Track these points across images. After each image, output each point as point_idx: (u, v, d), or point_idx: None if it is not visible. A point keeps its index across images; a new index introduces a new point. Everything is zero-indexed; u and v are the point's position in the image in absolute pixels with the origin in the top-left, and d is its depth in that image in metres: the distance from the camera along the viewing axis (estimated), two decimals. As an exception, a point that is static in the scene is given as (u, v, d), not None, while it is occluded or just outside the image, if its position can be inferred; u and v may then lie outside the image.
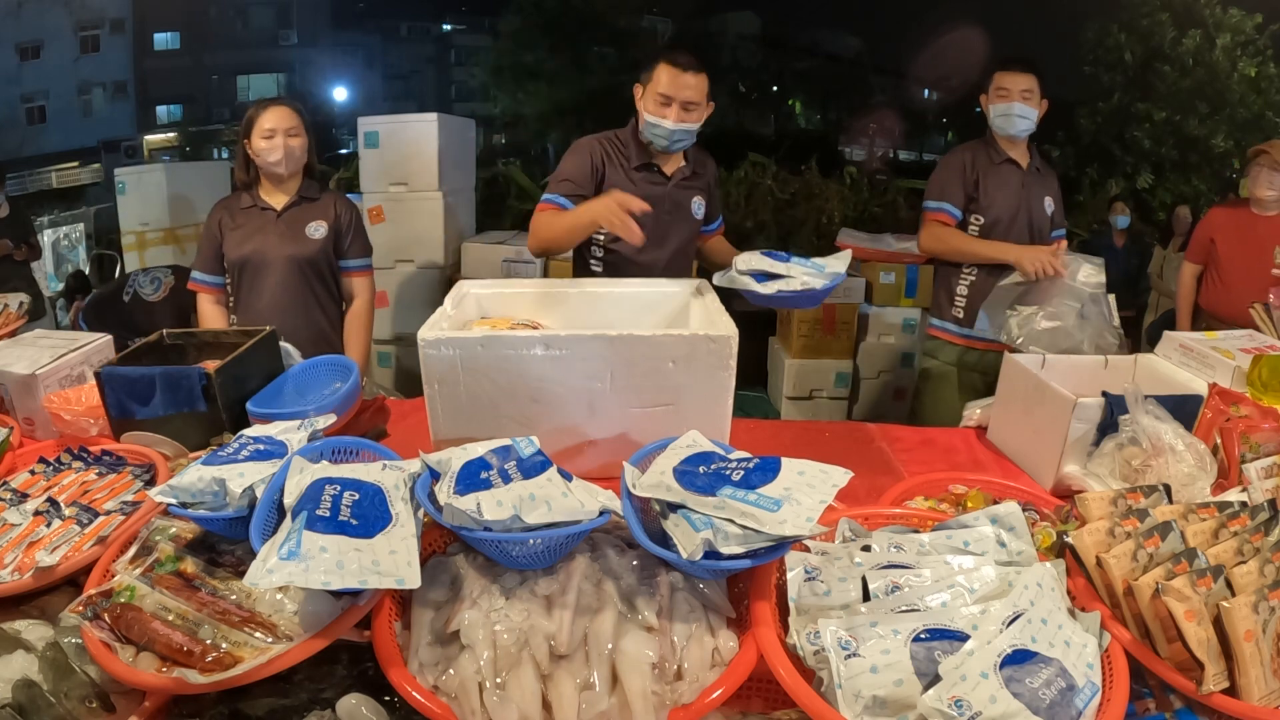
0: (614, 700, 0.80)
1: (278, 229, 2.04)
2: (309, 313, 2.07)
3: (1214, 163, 7.84)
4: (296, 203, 2.06)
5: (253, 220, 2.04)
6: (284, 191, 2.07)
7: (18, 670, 0.86)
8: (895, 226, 4.72)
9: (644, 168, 1.96)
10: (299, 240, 2.05)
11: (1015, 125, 2.19)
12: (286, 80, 19.54)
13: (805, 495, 0.89)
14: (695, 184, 2.03)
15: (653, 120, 1.86)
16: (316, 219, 2.08)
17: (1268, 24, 7.51)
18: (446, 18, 23.06)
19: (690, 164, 2.02)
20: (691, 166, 2.02)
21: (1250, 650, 0.79)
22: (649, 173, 1.96)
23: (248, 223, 2.04)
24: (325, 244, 2.09)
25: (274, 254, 2.02)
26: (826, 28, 18.79)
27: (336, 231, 2.11)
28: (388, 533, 0.89)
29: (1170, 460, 1.20)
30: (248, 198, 2.05)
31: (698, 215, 2.04)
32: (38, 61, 16.03)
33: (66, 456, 1.28)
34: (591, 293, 1.67)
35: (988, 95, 2.25)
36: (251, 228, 2.03)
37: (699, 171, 2.04)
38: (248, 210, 2.04)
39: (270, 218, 2.05)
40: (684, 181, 2.00)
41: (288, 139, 1.97)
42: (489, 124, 12.33)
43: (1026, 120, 2.18)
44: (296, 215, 2.06)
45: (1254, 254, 2.80)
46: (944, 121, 16.76)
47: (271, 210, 2.05)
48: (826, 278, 1.52)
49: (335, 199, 2.15)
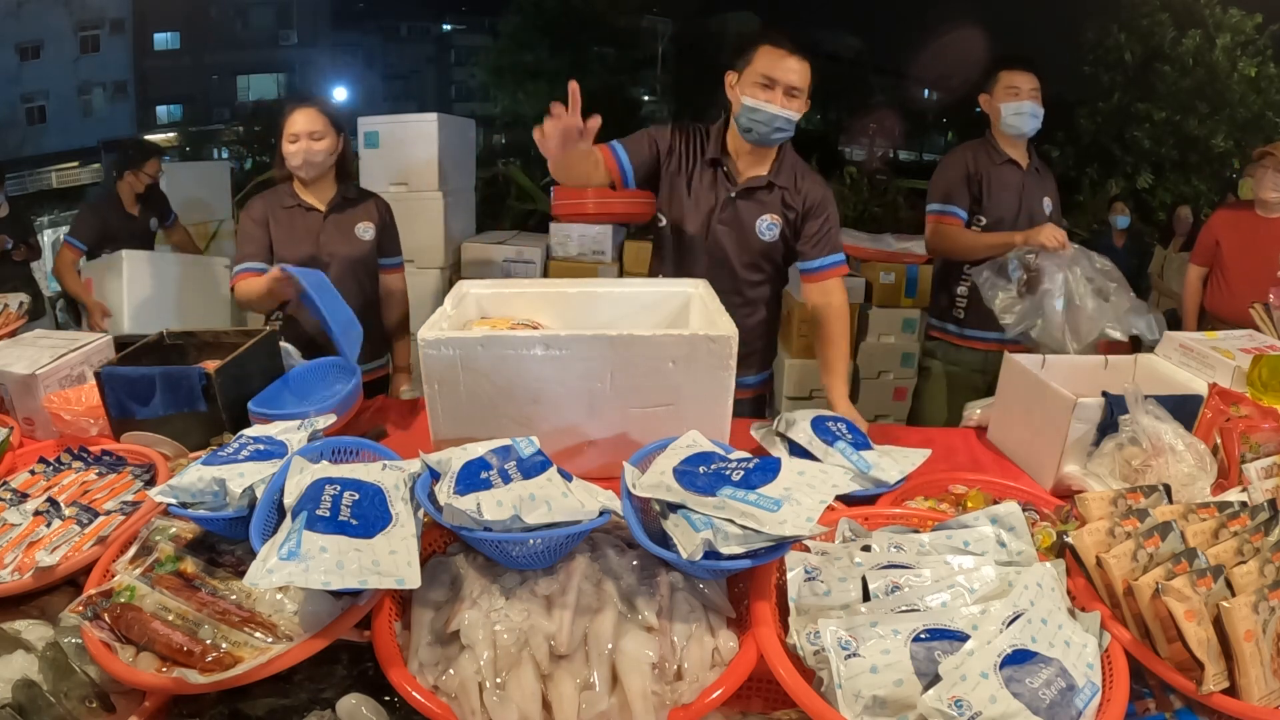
0: (614, 700, 0.80)
1: (327, 230, 2.03)
2: (364, 313, 2.03)
3: (1214, 163, 7.83)
4: (340, 204, 2.05)
5: (299, 221, 2.01)
6: (324, 191, 2.05)
7: (18, 670, 0.86)
8: (895, 226, 4.72)
9: (714, 164, 1.78)
10: (350, 241, 2.05)
11: (1028, 124, 2.17)
12: (286, 80, 19.53)
13: (805, 495, 0.89)
14: (771, 199, 1.78)
15: (752, 104, 1.66)
16: (363, 220, 2.08)
17: (1268, 24, 7.51)
18: (446, 18, 23.06)
19: (776, 175, 1.77)
20: (776, 178, 1.77)
21: (1250, 650, 0.79)
22: (715, 170, 1.78)
23: (295, 223, 2.01)
24: (374, 245, 2.11)
25: (329, 256, 2.02)
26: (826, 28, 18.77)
27: (381, 231, 2.12)
28: (388, 533, 0.89)
29: (1170, 460, 1.20)
30: (289, 196, 2.02)
31: (764, 236, 1.78)
32: (38, 61, 16.01)
33: (66, 456, 1.28)
34: (591, 293, 1.67)
35: (991, 95, 2.23)
36: (301, 229, 2.01)
37: (785, 189, 1.78)
38: (291, 210, 2.02)
39: (317, 219, 2.02)
40: (756, 193, 1.77)
41: (310, 143, 1.94)
42: (489, 124, 12.32)
43: (1037, 119, 2.18)
44: (343, 217, 2.06)
45: (1258, 256, 2.80)
46: (944, 121, 16.75)
47: (317, 211, 2.03)
48: (868, 483, 1.28)
49: (376, 199, 2.15)
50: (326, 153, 1.98)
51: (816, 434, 1.37)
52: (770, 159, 1.79)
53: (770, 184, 1.77)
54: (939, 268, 2.46)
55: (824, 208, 1.79)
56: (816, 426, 1.39)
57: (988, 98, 2.25)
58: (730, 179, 1.79)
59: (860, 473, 1.28)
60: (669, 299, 1.65)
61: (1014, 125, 2.19)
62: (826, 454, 1.33)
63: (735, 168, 1.79)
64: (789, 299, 3.98)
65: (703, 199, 1.80)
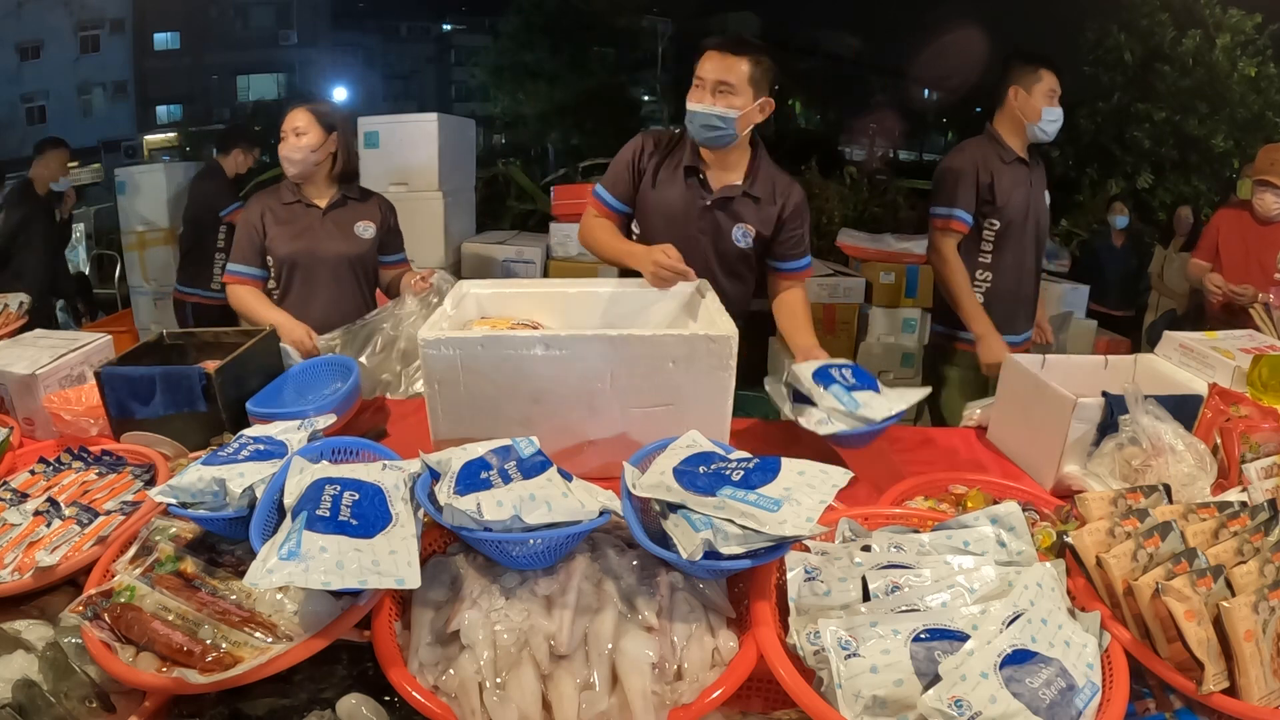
0: (614, 700, 0.80)
1: (325, 227, 2.03)
2: (360, 310, 2.05)
3: (1214, 163, 7.82)
4: (341, 202, 2.06)
5: (298, 217, 2.02)
6: (324, 190, 2.05)
7: (18, 670, 0.86)
8: (895, 226, 4.73)
9: (690, 172, 1.78)
10: (349, 239, 2.06)
11: (1055, 131, 2.15)
12: (286, 80, 19.52)
13: (805, 495, 0.89)
14: (747, 209, 1.78)
15: (687, 107, 1.69)
16: (364, 219, 2.08)
17: (1268, 24, 7.49)
18: (446, 18, 23.06)
19: (752, 185, 1.77)
20: (751, 189, 1.77)
21: (1250, 650, 0.79)
22: (691, 179, 1.79)
23: (293, 220, 2.01)
24: (374, 244, 2.11)
25: (325, 252, 2.02)
26: (826, 28, 18.79)
27: (383, 231, 2.12)
28: (388, 533, 0.89)
29: (1170, 460, 1.20)
30: (289, 194, 2.03)
31: (740, 244, 1.79)
32: (38, 61, 16.01)
33: (66, 456, 1.28)
34: (591, 293, 1.67)
35: (1029, 93, 2.12)
36: (299, 225, 2.01)
37: (763, 198, 1.78)
38: (291, 206, 2.02)
39: (316, 215, 2.03)
40: (731, 202, 1.77)
41: (294, 139, 1.95)
42: (489, 124, 12.32)
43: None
44: (343, 215, 2.06)
45: (1256, 258, 2.81)
46: (944, 121, 16.76)
47: (316, 208, 2.03)
48: (858, 421, 1.34)
49: (379, 200, 2.16)
50: (308, 149, 1.97)
51: (816, 380, 1.41)
52: (743, 166, 1.79)
53: (745, 194, 1.78)
54: None
55: (800, 214, 1.82)
56: (819, 373, 1.42)
57: (1023, 94, 2.14)
58: (705, 186, 1.79)
59: (848, 412, 1.33)
60: (669, 299, 1.65)
61: (1048, 131, 2.15)
62: (821, 396, 1.38)
63: (709, 176, 1.79)
64: (789, 299, 3.99)
65: (678, 207, 1.80)
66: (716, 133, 1.70)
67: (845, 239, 4.20)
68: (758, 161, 1.80)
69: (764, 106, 1.72)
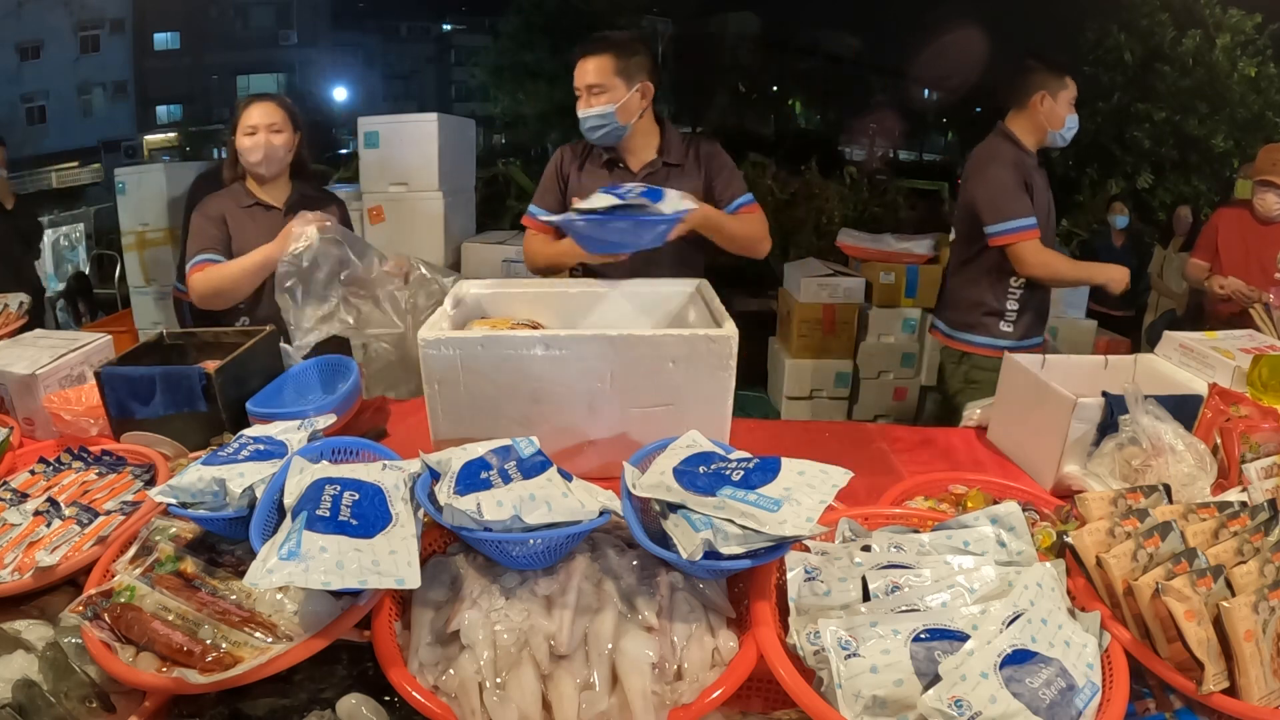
0: (614, 700, 0.80)
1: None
2: None
3: (1214, 163, 7.83)
4: (299, 202, 2.02)
5: (259, 219, 1.99)
6: (280, 190, 2.02)
7: (18, 670, 0.86)
8: (895, 226, 4.73)
9: (610, 164, 1.92)
10: None
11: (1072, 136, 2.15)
12: (286, 80, 19.54)
13: (805, 495, 0.89)
14: (673, 177, 1.88)
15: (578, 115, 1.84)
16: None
17: (1268, 24, 7.50)
18: (446, 18, 23.11)
19: (667, 154, 1.91)
20: (668, 157, 1.91)
21: (1250, 650, 0.79)
22: (616, 170, 1.92)
23: (254, 222, 1.98)
24: None
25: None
26: (826, 28, 18.80)
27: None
28: (388, 533, 0.89)
29: (1170, 460, 1.20)
30: (245, 195, 2.00)
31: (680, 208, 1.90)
32: (38, 61, 16.03)
33: (66, 456, 1.28)
34: (591, 293, 1.67)
35: (1055, 100, 2.10)
36: (261, 226, 1.97)
37: (684, 163, 1.91)
38: (250, 209, 1.99)
39: (276, 217, 1.99)
40: (656, 174, 1.89)
41: (270, 135, 1.91)
42: (489, 124, 12.32)
43: None
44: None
45: (1256, 258, 2.81)
46: (944, 121, 16.77)
47: (276, 210, 2.00)
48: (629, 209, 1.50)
49: (334, 199, 2.14)
50: (285, 148, 1.95)
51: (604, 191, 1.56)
52: (655, 143, 1.92)
53: (665, 163, 1.90)
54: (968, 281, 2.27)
55: (719, 157, 1.94)
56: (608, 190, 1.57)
57: (1050, 100, 2.11)
58: (628, 170, 1.92)
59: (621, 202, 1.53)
60: (669, 299, 1.65)
61: (1066, 138, 2.15)
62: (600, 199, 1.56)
63: (629, 161, 1.93)
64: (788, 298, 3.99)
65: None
66: (604, 130, 1.83)
67: (845, 239, 4.20)
68: (667, 135, 1.93)
69: (644, 91, 1.83)
